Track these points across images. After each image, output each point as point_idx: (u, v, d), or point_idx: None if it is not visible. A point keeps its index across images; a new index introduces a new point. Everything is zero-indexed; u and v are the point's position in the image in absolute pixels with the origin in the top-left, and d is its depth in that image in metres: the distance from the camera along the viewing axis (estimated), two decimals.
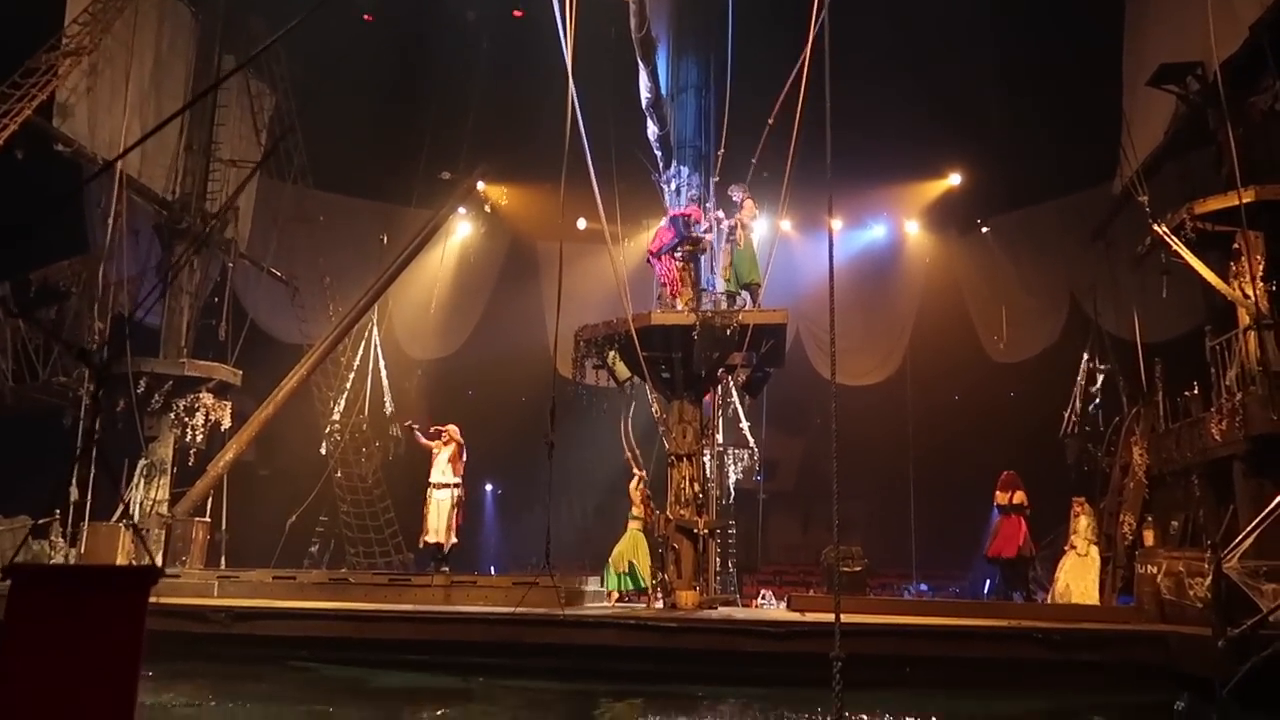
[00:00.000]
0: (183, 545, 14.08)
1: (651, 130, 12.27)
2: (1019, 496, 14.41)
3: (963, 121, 18.21)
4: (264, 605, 11.22)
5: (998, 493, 14.61)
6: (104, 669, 2.00)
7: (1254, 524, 9.32)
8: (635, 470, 13.85)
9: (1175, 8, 13.17)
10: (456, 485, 13.35)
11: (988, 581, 20.28)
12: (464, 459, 13.53)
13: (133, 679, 2.05)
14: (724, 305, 12.73)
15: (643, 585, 12.91)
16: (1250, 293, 11.46)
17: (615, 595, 13.12)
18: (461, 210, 19.41)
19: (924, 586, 19.68)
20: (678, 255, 12.79)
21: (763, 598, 15.36)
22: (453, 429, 13.60)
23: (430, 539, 13.17)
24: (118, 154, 12.92)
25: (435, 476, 13.34)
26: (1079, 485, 15.06)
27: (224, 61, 16.06)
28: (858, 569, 14.93)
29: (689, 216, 12.77)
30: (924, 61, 17.61)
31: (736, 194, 12.94)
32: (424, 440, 13.51)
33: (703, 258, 13.15)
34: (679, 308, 12.60)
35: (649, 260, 13.03)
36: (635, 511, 13.35)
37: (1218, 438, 11.44)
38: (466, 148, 17.97)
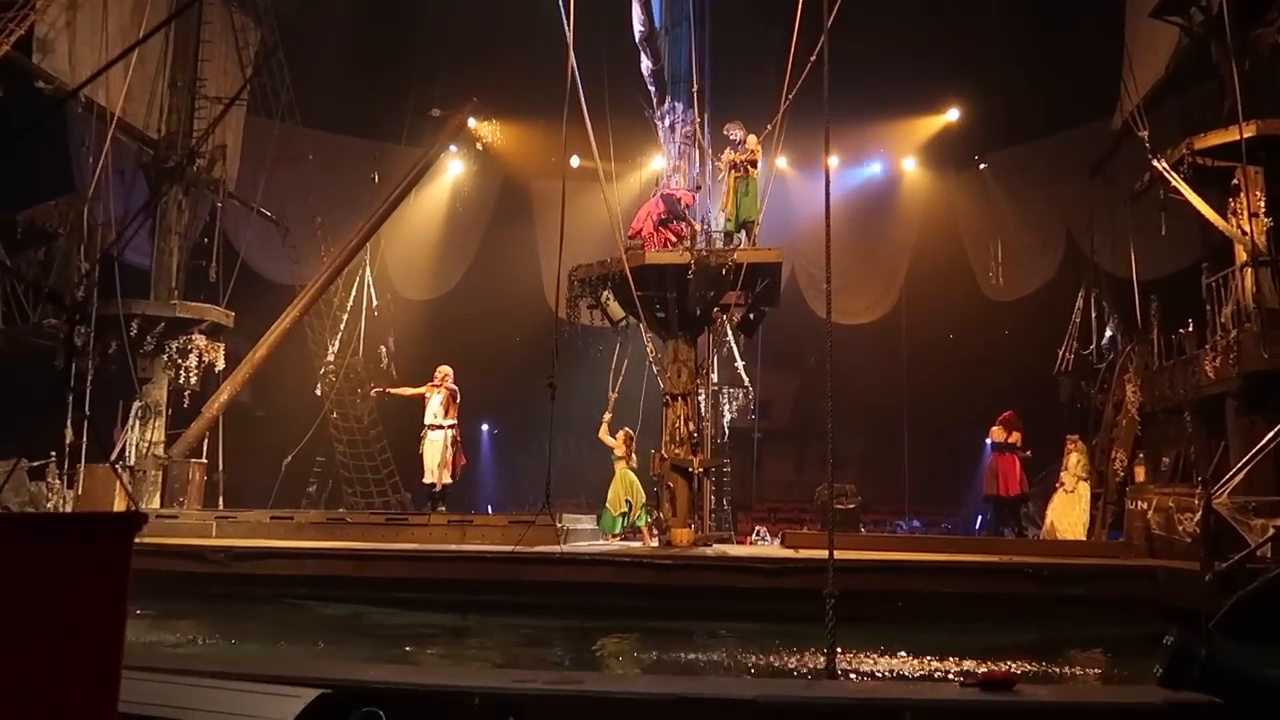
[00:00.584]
0: (180, 486, 14.14)
1: (645, 65, 12.04)
2: (1016, 436, 14.53)
3: (962, 56, 17.88)
4: (262, 545, 11.32)
5: (998, 429, 14.71)
6: (82, 627, 1.95)
7: (1244, 460, 9.39)
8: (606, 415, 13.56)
9: None
10: (451, 427, 13.41)
11: (979, 518, 20.52)
12: (457, 401, 13.56)
13: (117, 636, 2.00)
14: (720, 244, 12.63)
15: (638, 523, 12.98)
16: (1248, 229, 11.39)
17: (615, 538, 13.14)
18: (453, 148, 19.13)
19: (916, 523, 19.92)
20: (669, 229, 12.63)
21: (757, 534, 15.55)
22: (444, 371, 13.59)
23: (427, 479, 13.28)
24: (100, 90, 12.65)
25: (429, 418, 13.44)
26: (1072, 423, 15.13)
27: None
28: (851, 506, 15.11)
29: (681, 199, 12.59)
30: None
31: (736, 133, 12.73)
32: (407, 391, 13.62)
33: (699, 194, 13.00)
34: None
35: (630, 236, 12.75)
36: (617, 452, 13.19)
37: (1211, 375, 11.47)
38: (457, 83, 17.64)
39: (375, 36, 19.47)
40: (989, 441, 15.17)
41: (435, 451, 13.29)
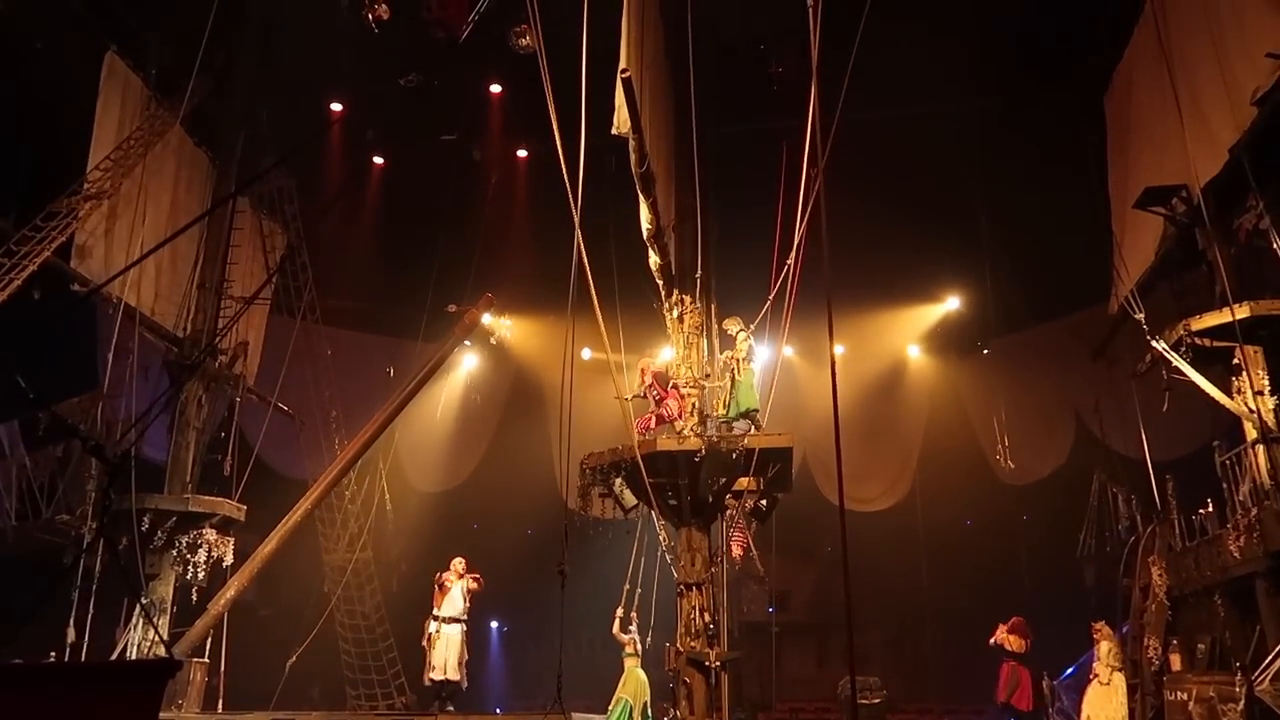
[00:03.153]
0: (180, 687, 13.64)
1: (653, 260, 12.53)
2: (1025, 644, 14.22)
3: (958, 247, 18.62)
4: None
5: (1013, 637, 14.37)
6: None
7: None
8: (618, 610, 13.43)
9: (1155, 131, 13.62)
10: (465, 620, 13.09)
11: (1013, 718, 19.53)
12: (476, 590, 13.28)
13: None
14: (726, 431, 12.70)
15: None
16: (1255, 406, 11.45)
17: None
18: (467, 343, 19.67)
19: None
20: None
21: None
22: (461, 562, 13.38)
23: (436, 675, 12.77)
24: (132, 292, 13.17)
25: (446, 610, 13.03)
26: (1100, 609, 14.67)
27: (238, 204, 16.60)
28: (877, 700, 14.46)
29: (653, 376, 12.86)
30: (919, 189, 18.14)
31: (731, 329, 13.09)
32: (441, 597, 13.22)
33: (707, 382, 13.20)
34: (685, 433, 12.59)
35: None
36: (627, 649, 12.92)
37: (1237, 555, 11.22)
38: (472, 281, 18.36)
39: (395, 238, 20.49)
40: (996, 643, 14.77)
41: (453, 647, 12.83)
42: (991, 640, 14.73)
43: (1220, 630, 11.84)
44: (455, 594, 13.04)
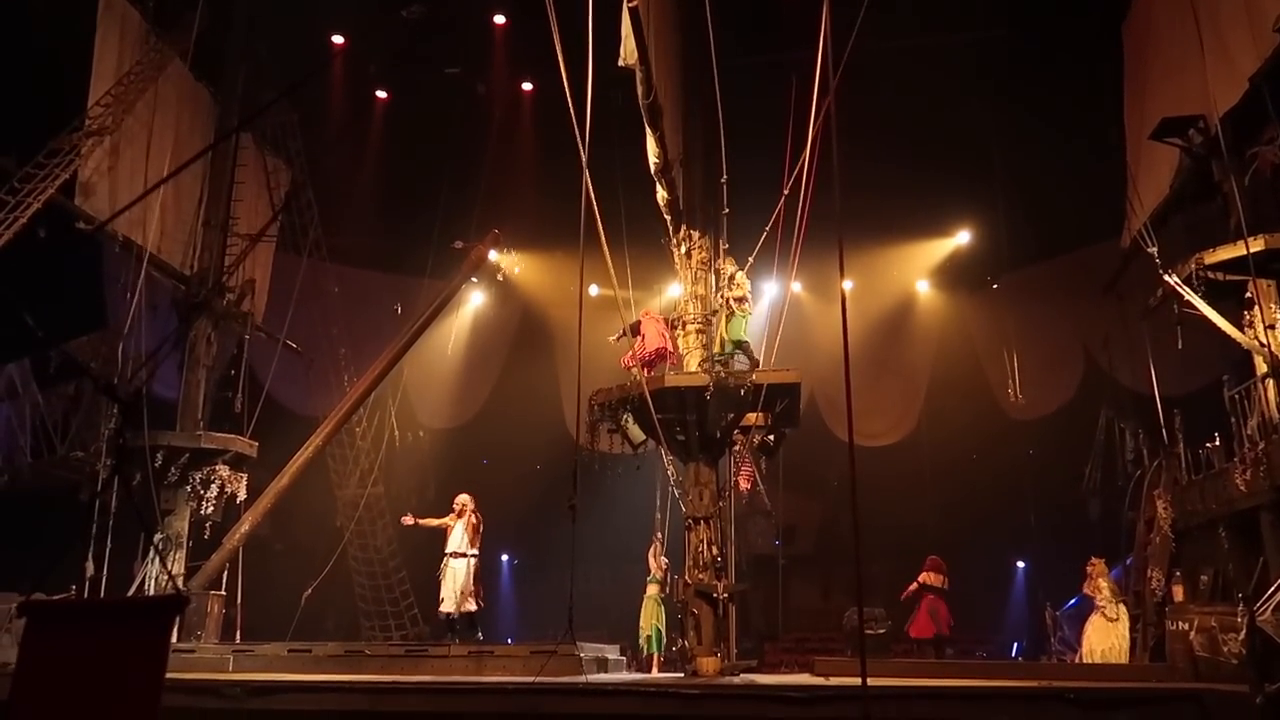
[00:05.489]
0: (197, 619, 13.93)
1: (661, 195, 12.41)
2: (944, 580, 15.35)
3: (968, 180, 18.40)
4: (279, 679, 11.06)
5: (933, 575, 15.35)
6: (125, 704, 1.99)
7: None
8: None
9: (1174, 61, 13.34)
10: (474, 556, 13.27)
11: (1015, 644, 19.88)
12: (480, 530, 13.45)
13: (154, 713, 2.02)
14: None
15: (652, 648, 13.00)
16: (1266, 340, 11.40)
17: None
18: (474, 280, 19.63)
19: (949, 650, 19.28)
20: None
21: None
22: (464, 499, 13.54)
23: (446, 609, 13.03)
24: (138, 230, 13.15)
25: (452, 546, 13.27)
26: (1105, 542, 14.83)
27: (241, 140, 16.45)
28: (881, 631, 14.72)
29: (663, 349, 12.88)
30: (927, 121, 17.87)
31: (726, 270, 13.00)
32: (433, 522, 13.50)
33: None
34: (693, 368, 12.62)
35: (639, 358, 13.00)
36: (658, 575, 13.50)
37: (1243, 488, 11.27)
38: (479, 217, 18.25)
39: (400, 174, 20.31)
40: (919, 583, 15.44)
41: (457, 580, 13.09)
42: (912, 587, 15.42)
43: (1223, 562, 11.95)
44: (458, 530, 13.25)
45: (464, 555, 13.19)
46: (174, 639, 12.73)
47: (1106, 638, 13.07)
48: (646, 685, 10.66)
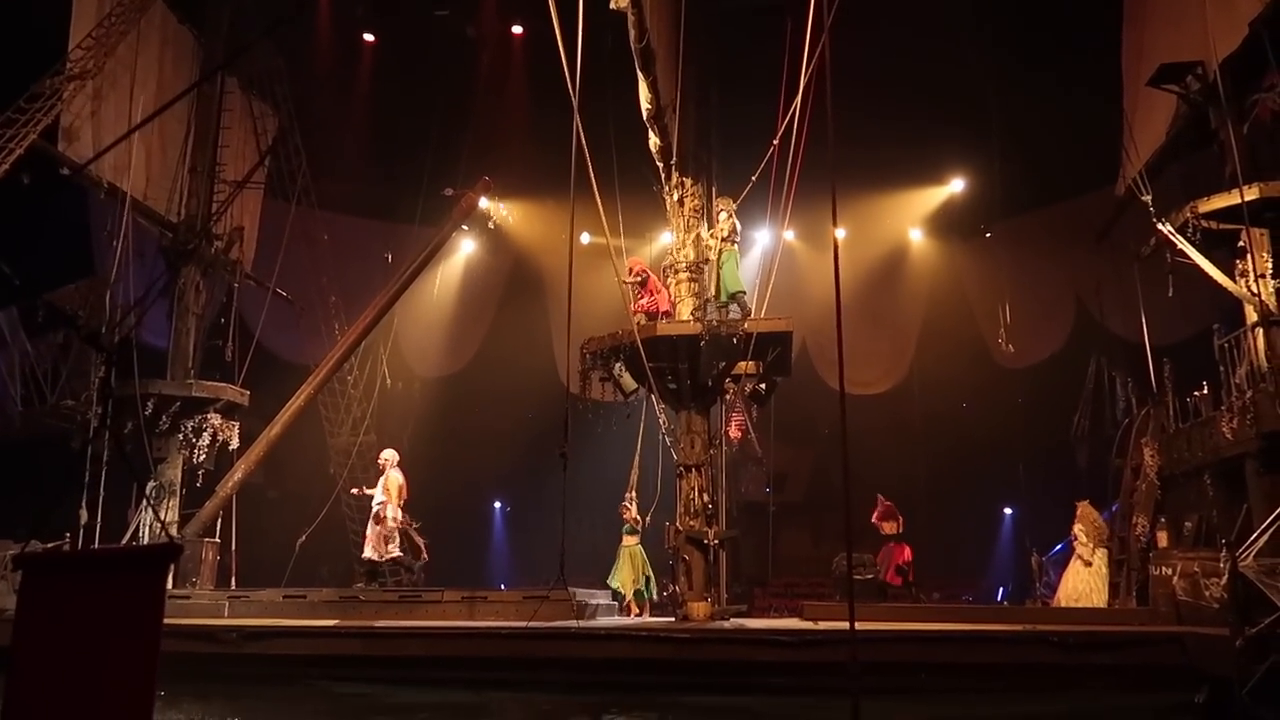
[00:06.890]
0: (192, 566, 14.05)
1: (653, 141, 12.29)
2: (898, 526, 15.43)
3: (963, 127, 18.24)
4: (274, 624, 11.19)
5: (887, 523, 15.39)
6: (122, 652, 2.02)
7: (1268, 521, 9.24)
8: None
9: (1174, 6, 13.16)
10: (380, 504, 13.98)
11: (1000, 589, 20.18)
12: (401, 484, 14.09)
13: (152, 661, 2.07)
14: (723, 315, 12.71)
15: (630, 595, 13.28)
16: (1257, 289, 11.41)
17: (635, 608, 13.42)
18: (465, 227, 19.47)
19: (935, 594, 19.59)
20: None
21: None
22: (386, 456, 14.29)
23: (366, 554, 14.10)
24: (123, 177, 12.97)
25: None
26: (1091, 488, 14.97)
27: (227, 85, 16.16)
28: (870, 576, 14.91)
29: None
30: (922, 68, 17.64)
31: (721, 209, 12.94)
32: (371, 491, 14.23)
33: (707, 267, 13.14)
34: (684, 317, 12.61)
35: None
36: (634, 525, 13.88)
37: (1229, 436, 11.36)
38: (469, 164, 18.05)
39: (389, 120, 20.02)
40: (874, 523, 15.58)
41: (372, 529, 14.07)
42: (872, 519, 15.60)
43: (1208, 509, 12.09)
44: (380, 485, 14.04)
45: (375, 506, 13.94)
46: (169, 585, 12.83)
47: (1079, 582, 13.27)
48: (638, 630, 10.84)
